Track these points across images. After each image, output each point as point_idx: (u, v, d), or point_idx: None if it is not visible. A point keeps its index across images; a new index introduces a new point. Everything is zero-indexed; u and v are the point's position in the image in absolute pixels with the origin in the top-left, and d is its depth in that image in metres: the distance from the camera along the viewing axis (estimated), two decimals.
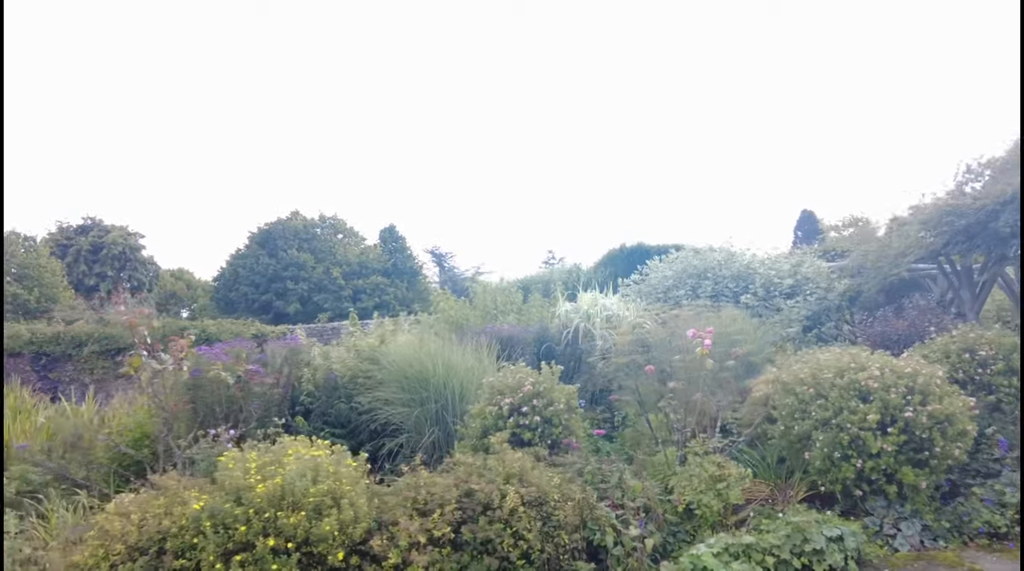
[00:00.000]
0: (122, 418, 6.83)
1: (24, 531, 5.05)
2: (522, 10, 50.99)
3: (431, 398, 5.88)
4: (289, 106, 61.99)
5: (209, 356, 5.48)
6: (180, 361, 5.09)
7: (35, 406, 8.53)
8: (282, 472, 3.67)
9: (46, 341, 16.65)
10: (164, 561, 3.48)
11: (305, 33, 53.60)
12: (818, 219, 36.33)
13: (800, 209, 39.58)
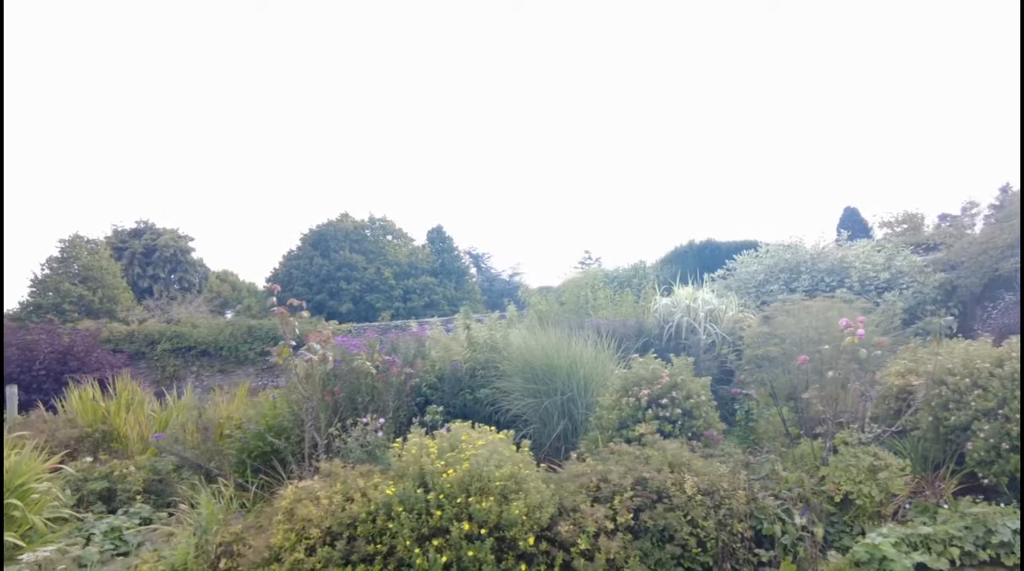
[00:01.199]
0: (245, 410, 7.01)
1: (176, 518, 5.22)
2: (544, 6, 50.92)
3: (558, 389, 5.90)
4: (328, 110, 62.90)
5: (346, 347, 5.59)
6: (325, 352, 5.18)
7: (140, 400, 8.80)
8: (464, 458, 3.72)
9: (122, 339, 17.22)
10: (357, 545, 3.56)
11: (343, 39, 54.41)
12: (862, 217, 35.43)
13: (843, 206, 38.59)
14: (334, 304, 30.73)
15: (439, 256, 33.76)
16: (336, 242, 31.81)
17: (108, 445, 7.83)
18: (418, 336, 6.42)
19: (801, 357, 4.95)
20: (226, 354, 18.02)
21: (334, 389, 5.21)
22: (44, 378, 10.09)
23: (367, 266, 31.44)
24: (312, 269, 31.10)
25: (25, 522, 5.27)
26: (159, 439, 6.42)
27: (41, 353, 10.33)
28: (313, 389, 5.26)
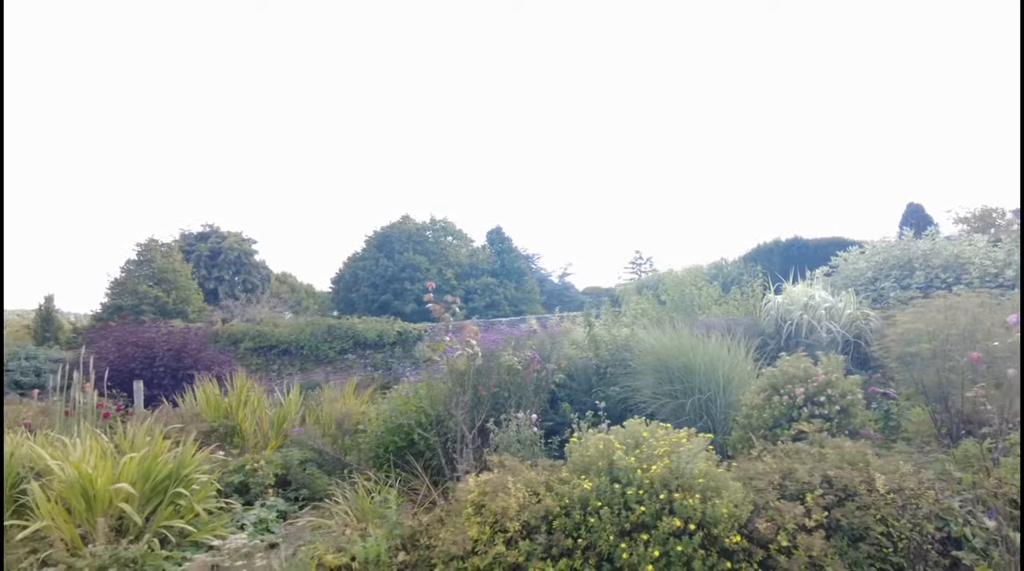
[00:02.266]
0: (367, 405, 7.15)
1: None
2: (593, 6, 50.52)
3: (696, 388, 5.85)
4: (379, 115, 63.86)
5: (487, 342, 5.66)
6: (472, 347, 5.26)
7: (258, 396, 9.07)
8: (658, 455, 3.71)
9: (207, 338, 17.88)
10: (555, 539, 3.59)
11: (401, 46, 55.11)
12: (927, 213, 33.98)
13: (906, 202, 37.10)
14: (398, 304, 31.19)
15: (499, 257, 33.93)
16: (400, 244, 32.30)
17: (231, 440, 8.12)
18: (552, 333, 6.45)
19: (973, 354, 4.78)
20: (306, 353, 18.48)
21: (489, 384, 5.27)
22: (163, 375, 10.53)
23: (429, 267, 31.82)
24: (377, 270, 31.64)
25: (190, 510, 5.50)
26: (298, 433, 6.62)
27: (160, 351, 10.80)
28: (464, 384, 5.33)
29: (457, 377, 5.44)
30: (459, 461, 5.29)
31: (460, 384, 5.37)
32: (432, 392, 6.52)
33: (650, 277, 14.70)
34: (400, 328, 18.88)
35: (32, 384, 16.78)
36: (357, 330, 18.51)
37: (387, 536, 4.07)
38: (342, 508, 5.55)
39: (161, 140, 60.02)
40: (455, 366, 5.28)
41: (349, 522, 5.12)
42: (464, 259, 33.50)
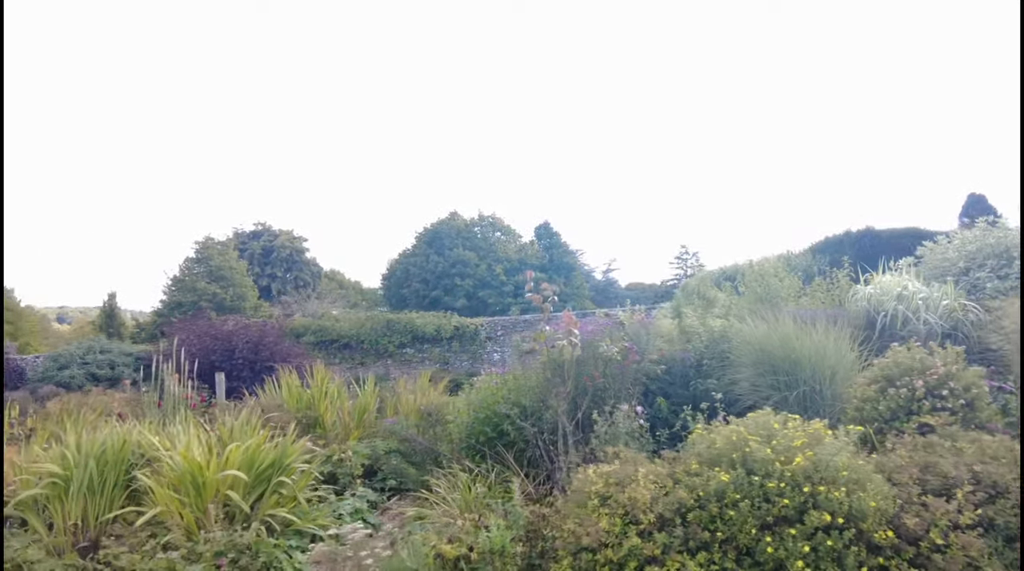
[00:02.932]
0: (467, 395, 7.11)
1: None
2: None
3: (801, 380, 5.65)
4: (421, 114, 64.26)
5: (583, 333, 5.57)
6: (576, 337, 5.17)
7: (337, 388, 9.16)
8: (796, 446, 3.57)
9: (281, 332, 18.26)
10: (691, 531, 3.48)
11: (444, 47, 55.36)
12: (990, 203, 32.37)
13: (967, 193, 35.37)
14: (449, 300, 31.40)
15: (547, 252, 33.84)
16: (449, 240, 32.49)
17: (313, 430, 8.21)
18: (644, 324, 6.33)
19: None
20: (367, 347, 18.72)
21: (594, 374, 5.18)
22: (242, 367, 10.77)
23: (479, 263, 31.93)
24: (428, 266, 31.90)
25: (291, 499, 5.56)
26: (390, 423, 6.65)
27: (239, 343, 11.04)
28: (564, 374, 5.25)
29: (555, 367, 5.36)
30: (558, 453, 5.22)
31: (559, 374, 5.29)
32: (518, 383, 6.46)
33: (729, 269, 14.37)
34: (457, 323, 18.95)
35: (107, 376, 17.42)
36: (415, 325, 18.66)
37: (509, 527, 4.01)
38: (440, 498, 5.55)
39: (213, 143, 61.65)
40: (560, 356, 5.20)
41: (453, 513, 5.10)
42: (512, 254, 33.49)
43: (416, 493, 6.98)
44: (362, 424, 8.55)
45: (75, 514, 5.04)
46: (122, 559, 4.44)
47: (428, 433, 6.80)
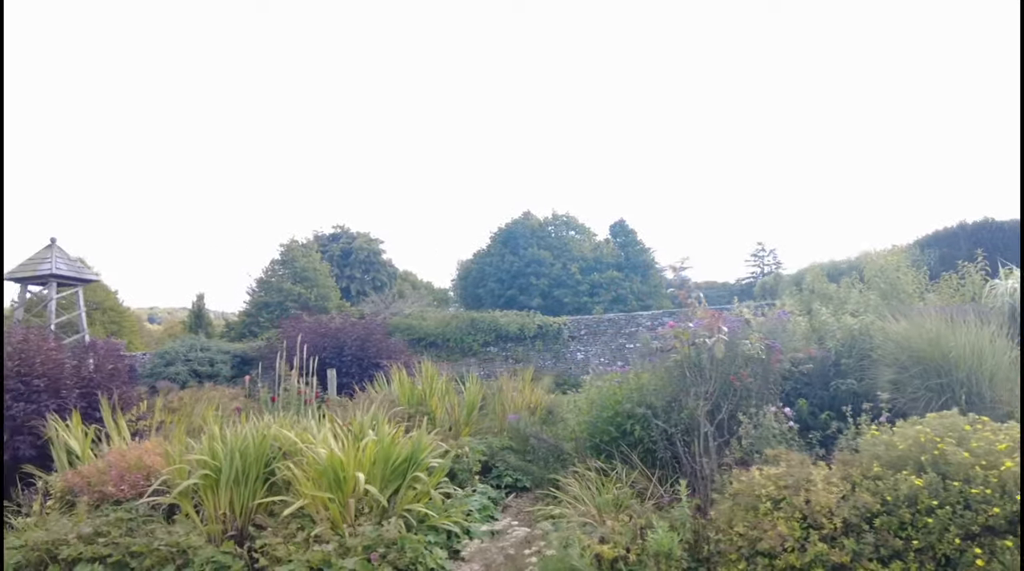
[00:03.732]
0: (587, 393, 7.03)
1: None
2: None
3: (958, 382, 5.29)
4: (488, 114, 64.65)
5: None
6: (724, 334, 4.99)
7: (445, 384, 9.25)
8: (999, 450, 3.32)
9: (385, 329, 18.69)
10: (881, 538, 3.29)
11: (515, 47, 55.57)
12: None
13: None
14: (524, 299, 31.39)
15: (622, 250, 33.37)
16: (524, 239, 32.51)
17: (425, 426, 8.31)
18: (781, 321, 6.07)
19: None
20: (452, 345, 18.92)
21: (741, 373, 5.00)
22: (350, 363, 11.06)
23: (554, 262, 31.81)
24: (503, 266, 32.02)
25: (424, 495, 5.62)
26: (514, 420, 6.65)
27: (346, 340, 11.36)
28: (704, 373, 5.09)
29: (692, 366, 5.21)
30: (694, 454, 5.06)
31: (698, 373, 5.13)
32: (640, 382, 6.32)
33: (844, 262, 13.78)
34: (540, 321, 18.91)
35: (207, 373, 18.24)
36: (499, 323, 18.73)
37: (674, 529, 3.91)
38: (571, 497, 5.48)
39: (292, 148, 63.98)
40: (698, 354, 5.04)
41: (590, 513, 5.02)
42: (588, 253, 33.21)
43: (536, 491, 6.96)
44: (470, 420, 8.61)
45: (224, 504, 5.24)
46: (279, 550, 4.57)
47: (549, 431, 6.75)
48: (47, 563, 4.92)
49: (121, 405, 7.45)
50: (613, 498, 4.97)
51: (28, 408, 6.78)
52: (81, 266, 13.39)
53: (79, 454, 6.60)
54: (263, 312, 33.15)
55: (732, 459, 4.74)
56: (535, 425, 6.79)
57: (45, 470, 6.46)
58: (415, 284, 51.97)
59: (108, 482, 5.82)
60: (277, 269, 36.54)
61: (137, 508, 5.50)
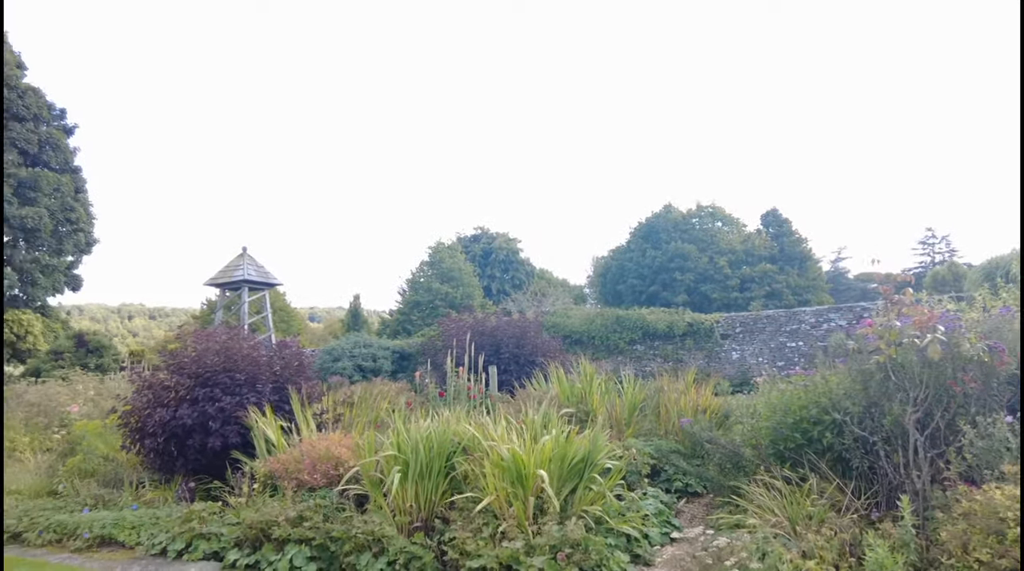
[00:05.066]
0: (766, 396, 6.68)
1: None
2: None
3: None
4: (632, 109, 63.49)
5: None
6: (941, 334, 4.48)
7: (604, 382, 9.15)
8: None
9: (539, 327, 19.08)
10: None
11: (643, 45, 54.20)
12: None
13: None
14: (667, 295, 30.59)
15: (776, 241, 31.49)
16: (666, 233, 31.66)
17: (585, 425, 8.26)
18: (1005, 317, 5.36)
19: None
20: (597, 343, 18.81)
21: (963, 378, 4.47)
22: (508, 361, 11.35)
23: (699, 255, 30.69)
24: (644, 261, 31.39)
25: (600, 496, 5.55)
26: (687, 423, 6.43)
27: (504, 338, 11.67)
28: (916, 377, 4.59)
29: (899, 368, 4.71)
30: (898, 466, 4.57)
31: (906, 376, 4.64)
32: (829, 385, 5.84)
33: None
34: (690, 319, 18.28)
35: (371, 368, 19.44)
36: (646, 321, 18.35)
37: (895, 548, 3.55)
38: (755, 506, 5.18)
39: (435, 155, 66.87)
40: (905, 356, 4.55)
41: (782, 524, 4.71)
42: (737, 245, 31.69)
43: (709, 497, 6.69)
44: (631, 421, 8.44)
45: (411, 496, 5.48)
46: (468, 544, 4.71)
47: (723, 435, 6.45)
48: (262, 541, 5.43)
49: (307, 399, 8.07)
50: (808, 509, 4.63)
51: (233, 400, 7.53)
52: (267, 272, 14.80)
53: (275, 443, 7.23)
54: (414, 311, 34.90)
55: (954, 474, 4.23)
56: (708, 429, 6.50)
57: (248, 456, 7.13)
58: (551, 281, 52.50)
59: (303, 470, 6.31)
60: (425, 270, 38.32)
61: (330, 496, 5.91)
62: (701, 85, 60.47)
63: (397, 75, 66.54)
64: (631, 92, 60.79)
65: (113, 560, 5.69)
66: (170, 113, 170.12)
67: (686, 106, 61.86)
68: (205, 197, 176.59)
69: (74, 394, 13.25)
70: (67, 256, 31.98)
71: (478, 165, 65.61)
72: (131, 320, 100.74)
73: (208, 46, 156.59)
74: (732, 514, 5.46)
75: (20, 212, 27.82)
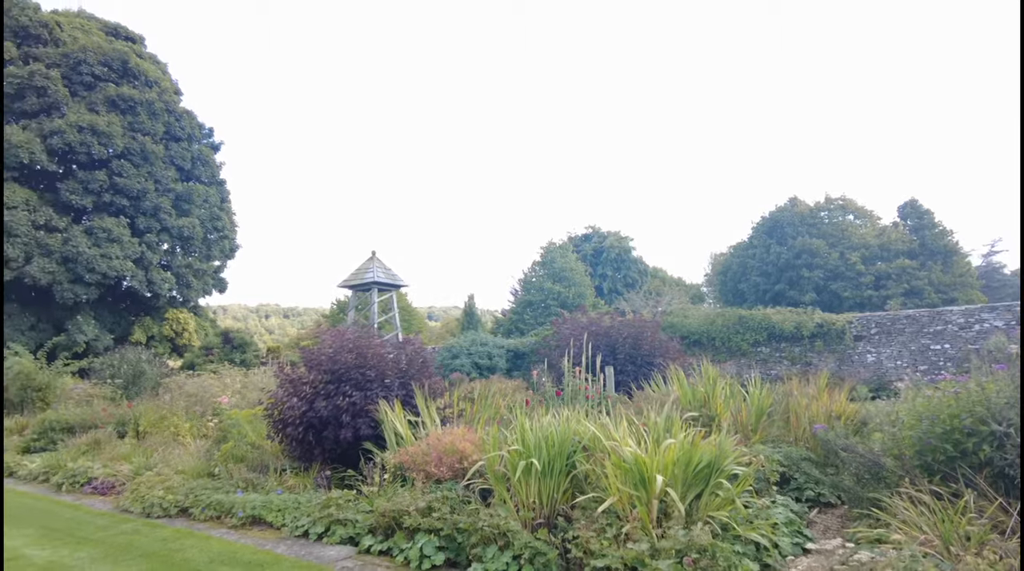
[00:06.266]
0: (912, 403, 6.22)
1: None
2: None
3: None
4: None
5: None
6: None
7: (729, 385, 8.82)
8: None
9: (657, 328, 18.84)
10: None
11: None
12: None
13: None
14: (794, 294, 28.95)
15: (915, 234, 28.92)
16: (791, 228, 29.96)
17: (708, 429, 8.00)
18: None
19: None
20: (717, 345, 18.16)
21: None
22: (624, 361, 11.25)
23: (829, 251, 28.77)
24: (768, 258, 29.89)
25: (728, 502, 5.38)
26: (819, 430, 6.10)
27: (619, 339, 11.59)
28: None
29: None
30: None
31: None
32: (987, 393, 5.30)
33: None
34: (820, 319, 17.22)
35: (486, 365, 19.89)
36: (771, 321, 17.48)
37: None
38: (899, 521, 4.82)
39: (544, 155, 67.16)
40: None
41: (932, 543, 4.35)
42: (871, 240, 29.42)
43: (844, 509, 6.29)
44: (758, 426, 8.09)
45: (534, 493, 5.57)
46: (592, 543, 4.72)
47: (861, 444, 6.03)
48: (393, 529, 5.72)
49: (430, 394, 8.40)
50: (964, 528, 4.24)
51: (363, 395, 7.97)
52: (394, 274, 15.57)
53: (403, 436, 7.57)
54: (527, 310, 35.30)
55: None
56: (843, 436, 6.11)
57: (378, 447, 7.53)
58: (665, 280, 51.37)
59: (430, 463, 6.57)
60: (537, 270, 38.65)
61: (456, 488, 6.12)
62: (828, 72, 56.76)
63: (513, 80, 67.28)
64: (748, 83, 58.06)
65: (263, 538, 6.21)
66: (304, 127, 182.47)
67: (810, 95, 58.26)
68: (331, 203, 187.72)
69: (223, 386, 14.57)
70: (215, 261, 35.36)
71: (590, 165, 65.14)
72: (267, 319, 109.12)
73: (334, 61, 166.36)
74: (872, 528, 5.12)
75: (178, 222, 31.01)
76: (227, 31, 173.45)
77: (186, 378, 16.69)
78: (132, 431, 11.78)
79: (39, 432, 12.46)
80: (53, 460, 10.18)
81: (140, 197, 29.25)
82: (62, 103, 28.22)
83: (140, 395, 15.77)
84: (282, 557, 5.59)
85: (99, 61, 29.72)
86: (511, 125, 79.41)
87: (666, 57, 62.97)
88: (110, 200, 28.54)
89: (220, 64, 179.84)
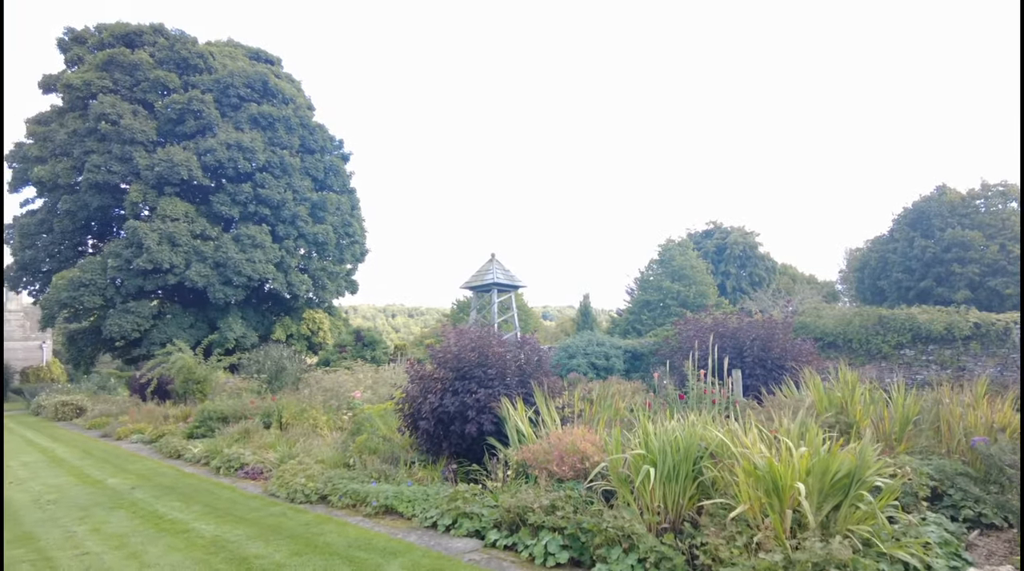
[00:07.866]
0: None
1: None
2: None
3: None
4: None
5: None
6: None
7: (869, 391, 8.24)
8: None
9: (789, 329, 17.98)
10: None
11: None
12: None
13: None
14: (943, 291, 26.41)
15: None
16: (939, 219, 27.32)
17: (845, 438, 7.51)
18: None
19: None
20: (855, 347, 16.95)
21: None
22: (752, 364, 10.81)
23: (986, 244, 25.96)
24: (912, 252, 27.46)
25: (869, 516, 5.04)
26: (979, 442, 5.57)
27: (747, 341, 11.16)
28: None
29: None
30: None
31: None
32: None
33: None
34: (976, 319, 15.60)
35: (603, 366, 19.74)
36: (917, 321, 16.05)
37: None
38: None
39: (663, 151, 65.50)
40: None
41: None
42: None
43: (1013, 533, 5.69)
44: (903, 436, 7.49)
45: (658, 497, 5.49)
46: (721, 551, 4.59)
47: None
48: (518, 525, 5.85)
49: (549, 393, 8.48)
50: None
51: (486, 392, 8.20)
52: (512, 275, 15.90)
53: (525, 434, 7.71)
54: (644, 310, 34.67)
55: None
56: (1011, 451, 5.52)
57: (501, 443, 7.72)
58: (795, 278, 48.59)
59: (551, 461, 6.65)
60: (655, 268, 37.85)
61: (578, 488, 6.16)
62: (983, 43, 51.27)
63: (626, 75, 66.00)
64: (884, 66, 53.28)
65: (396, 528, 6.56)
66: (425, 134, 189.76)
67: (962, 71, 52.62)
68: (451, 205, 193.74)
69: (356, 382, 15.49)
70: (346, 264, 37.75)
71: (711, 158, 62.62)
72: (394, 318, 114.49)
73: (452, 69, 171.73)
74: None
75: (313, 229, 33.41)
76: (354, 41, 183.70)
77: (323, 374, 17.91)
78: (276, 422, 12.83)
79: (200, 420, 13.89)
80: (212, 446, 11.30)
81: (280, 206, 31.76)
82: (214, 124, 31.27)
83: (282, 389, 17.12)
84: (413, 546, 5.88)
85: (243, 83, 32.61)
86: (627, 121, 78.18)
87: (796, 37, 59.06)
88: (254, 210, 31.24)
89: (348, 75, 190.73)
